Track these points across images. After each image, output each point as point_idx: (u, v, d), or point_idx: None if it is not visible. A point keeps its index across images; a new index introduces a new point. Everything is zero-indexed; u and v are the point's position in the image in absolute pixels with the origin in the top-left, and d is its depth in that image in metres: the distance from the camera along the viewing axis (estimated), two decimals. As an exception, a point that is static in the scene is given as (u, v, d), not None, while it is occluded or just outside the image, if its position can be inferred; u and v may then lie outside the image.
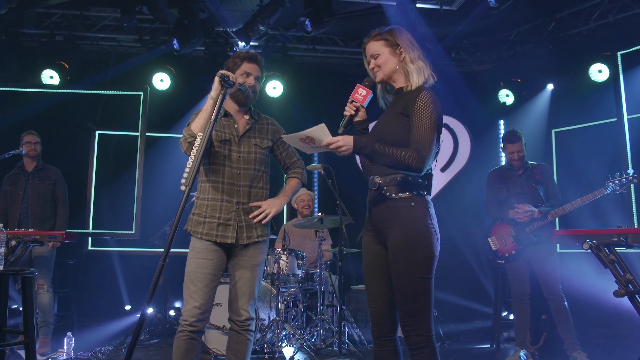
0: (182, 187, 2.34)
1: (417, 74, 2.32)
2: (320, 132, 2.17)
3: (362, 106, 2.41)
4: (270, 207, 2.84)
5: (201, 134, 2.49)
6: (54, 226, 4.78)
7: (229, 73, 2.59)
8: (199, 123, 2.68)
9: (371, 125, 2.45)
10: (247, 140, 2.86)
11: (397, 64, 2.35)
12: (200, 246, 2.78)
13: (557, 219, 4.24)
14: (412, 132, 2.22)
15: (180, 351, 2.67)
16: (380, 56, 2.36)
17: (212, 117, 2.46)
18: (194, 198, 2.92)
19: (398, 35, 2.36)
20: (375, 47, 2.38)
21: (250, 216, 2.82)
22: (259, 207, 2.83)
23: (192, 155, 2.41)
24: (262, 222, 2.84)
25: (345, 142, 2.19)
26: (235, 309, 2.80)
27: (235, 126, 2.86)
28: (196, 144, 2.45)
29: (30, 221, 4.66)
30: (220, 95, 2.54)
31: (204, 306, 2.71)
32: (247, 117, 2.90)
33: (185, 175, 2.37)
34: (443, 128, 2.40)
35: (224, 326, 4.41)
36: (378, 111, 2.53)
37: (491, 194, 4.56)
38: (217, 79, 2.55)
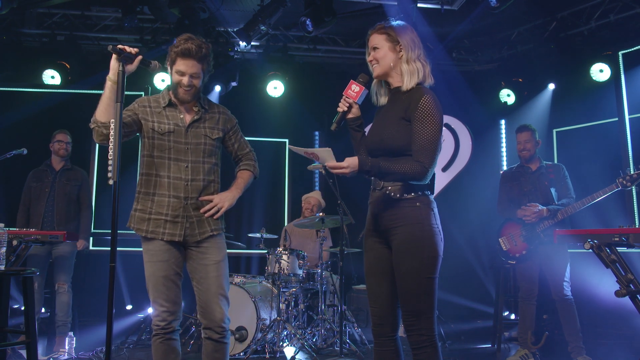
0: (110, 182, 2.20)
1: (409, 75, 2.28)
2: (326, 154, 2.18)
3: (355, 102, 2.38)
4: (222, 201, 2.70)
5: (113, 120, 2.28)
6: (77, 228, 4.77)
7: (125, 47, 2.36)
8: (101, 109, 2.45)
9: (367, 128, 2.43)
10: (195, 130, 2.69)
11: (394, 60, 2.31)
12: (152, 248, 2.63)
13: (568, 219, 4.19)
14: (415, 141, 2.20)
15: (159, 354, 2.59)
16: (379, 50, 2.33)
17: (119, 99, 2.26)
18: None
19: (400, 33, 2.32)
20: (377, 40, 2.34)
21: (202, 210, 2.67)
22: (210, 201, 2.69)
23: (111, 145, 2.23)
24: (215, 216, 2.69)
25: (351, 165, 2.15)
26: (207, 313, 2.62)
27: (181, 116, 2.69)
28: (111, 132, 2.25)
29: (56, 220, 4.64)
30: (119, 73, 2.30)
31: (172, 307, 2.60)
32: (195, 107, 2.72)
33: (110, 168, 2.20)
34: (444, 128, 2.39)
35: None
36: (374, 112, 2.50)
37: (503, 192, 4.53)
38: (113, 55, 2.33)
